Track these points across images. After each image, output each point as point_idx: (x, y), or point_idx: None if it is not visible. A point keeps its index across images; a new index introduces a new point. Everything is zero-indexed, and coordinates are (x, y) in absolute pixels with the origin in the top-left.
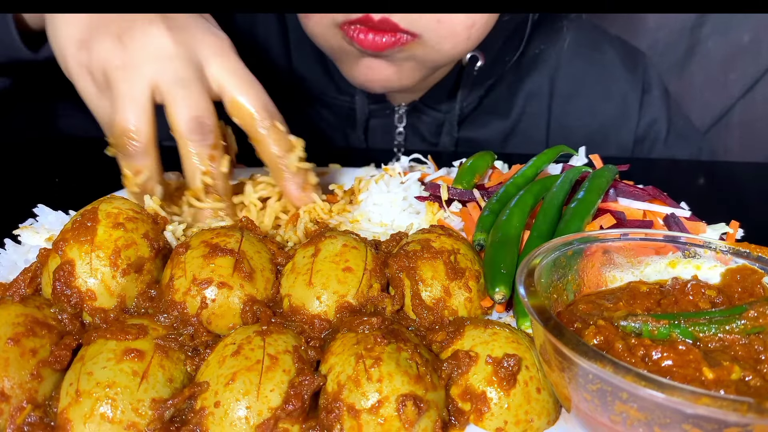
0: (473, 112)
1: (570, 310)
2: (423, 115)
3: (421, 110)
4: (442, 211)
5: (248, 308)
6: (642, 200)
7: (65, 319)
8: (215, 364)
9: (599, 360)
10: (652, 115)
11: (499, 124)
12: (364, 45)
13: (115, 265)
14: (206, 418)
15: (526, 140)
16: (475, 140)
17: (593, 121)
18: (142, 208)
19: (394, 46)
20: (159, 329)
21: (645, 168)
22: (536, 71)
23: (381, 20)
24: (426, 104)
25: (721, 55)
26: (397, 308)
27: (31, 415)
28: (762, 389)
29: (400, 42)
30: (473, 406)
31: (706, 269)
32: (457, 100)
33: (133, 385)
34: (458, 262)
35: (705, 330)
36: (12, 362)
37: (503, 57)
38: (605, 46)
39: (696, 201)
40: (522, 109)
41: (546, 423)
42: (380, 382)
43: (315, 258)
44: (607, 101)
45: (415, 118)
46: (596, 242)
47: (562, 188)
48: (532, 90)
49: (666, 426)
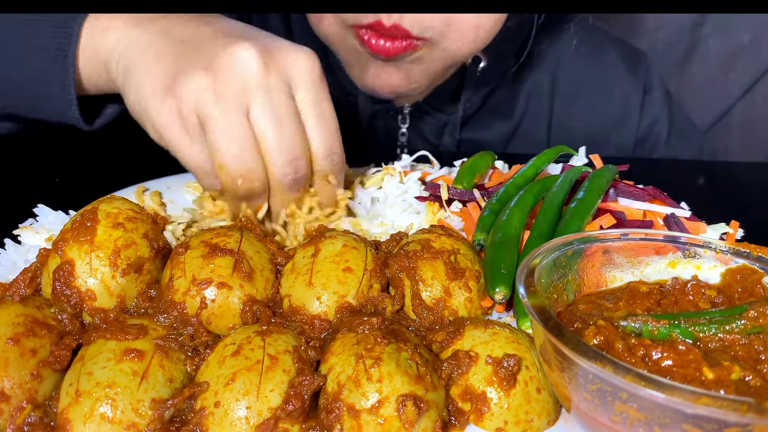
0: (476, 114)
1: (570, 310)
2: (426, 116)
3: (424, 111)
4: (443, 211)
5: (248, 308)
6: (642, 200)
7: (65, 319)
8: (215, 364)
9: (599, 360)
10: (653, 116)
11: (502, 125)
12: (375, 50)
13: (114, 265)
14: (206, 418)
15: (527, 141)
16: (478, 141)
17: (595, 122)
18: (142, 208)
19: (404, 51)
20: (159, 329)
21: (645, 168)
22: (538, 72)
23: (392, 26)
24: (429, 105)
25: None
26: (397, 308)
27: (31, 415)
28: (762, 389)
29: (411, 47)
30: (473, 406)
31: (706, 269)
32: (461, 101)
33: (133, 385)
34: (458, 262)
35: (705, 330)
36: (12, 362)
37: (507, 59)
38: (607, 47)
39: (696, 201)
40: (524, 110)
41: (546, 423)
42: (380, 382)
43: (315, 258)
44: (609, 102)
45: (418, 119)
46: (596, 242)
47: (562, 188)
48: (534, 91)
49: (666, 426)
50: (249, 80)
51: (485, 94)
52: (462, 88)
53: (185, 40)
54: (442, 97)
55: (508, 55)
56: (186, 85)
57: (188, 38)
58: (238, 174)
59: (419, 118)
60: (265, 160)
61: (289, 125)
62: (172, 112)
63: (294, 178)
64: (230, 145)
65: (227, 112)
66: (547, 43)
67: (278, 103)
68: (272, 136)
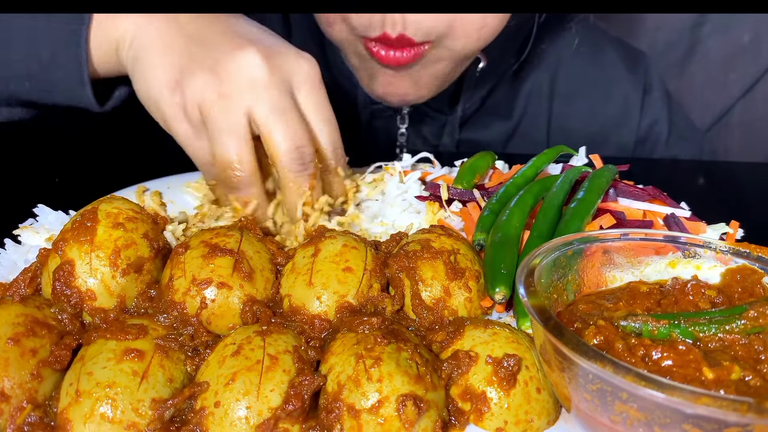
0: (475, 114)
1: (570, 310)
2: (426, 116)
3: (423, 112)
4: (443, 211)
5: (248, 308)
6: (642, 200)
7: (65, 319)
8: (215, 364)
9: (599, 360)
10: (653, 116)
11: (501, 125)
12: (385, 61)
13: (114, 265)
14: (206, 418)
15: (527, 141)
16: (477, 141)
17: (594, 122)
18: (142, 208)
19: (414, 60)
20: (159, 329)
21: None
22: (538, 72)
23: (398, 37)
24: (429, 106)
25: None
26: (397, 308)
27: (31, 415)
28: (762, 389)
29: (419, 54)
30: (473, 406)
31: (706, 269)
32: (460, 102)
33: (133, 385)
34: (458, 262)
35: (705, 330)
36: (12, 362)
37: (507, 59)
38: (606, 48)
39: (696, 201)
40: (523, 110)
41: (546, 423)
42: (380, 382)
43: (315, 258)
44: (609, 102)
45: (418, 119)
46: (596, 242)
47: (562, 188)
48: (533, 91)
49: (666, 426)
50: (252, 83)
51: (484, 95)
52: (461, 88)
53: (193, 35)
54: (441, 98)
55: (508, 55)
56: (191, 84)
57: (196, 34)
58: (230, 164)
59: (418, 118)
60: (271, 151)
61: (292, 115)
62: (177, 105)
63: (301, 165)
64: (225, 139)
65: (227, 111)
66: (547, 43)
67: (281, 99)
68: (276, 126)
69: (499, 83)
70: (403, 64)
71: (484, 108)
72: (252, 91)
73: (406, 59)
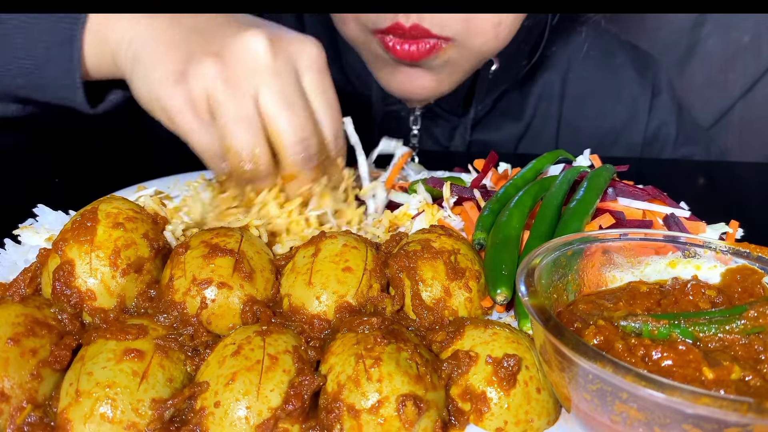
0: (487, 115)
1: (570, 310)
2: (438, 118)
3: (436, 113)
4: (443, 211)
5: (248, 308)
6: (641, 200)
7: (65, 319)
8: (215, 364)
9: (599, 360)
10: (661, 119)
11: (512, 126)
12: (401, 55)
13: (114, 265)
14: (206, 418)
15: (537, 142)
16: (488, 143)
17: (603, 124)
18: (142, 208)
19: (430, 54)
20: (159, 329)
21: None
22: (549, 74)
23: (412, 27)
24: (441, 107)
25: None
26: (397, 308)
27: (31, 415)
28: (762, 389)
29: (436, 48)
30: (473, 406)
31: (706, 269)
32: (473, 104)
33: (133, 385)
34: (458, 263)
35: (705, 330)
36: (12, 362)
37: (518, 61)
38: (616, 51)
39: (696, 201)
40: (534, 112)
41: (546, 423)
42: (380, 382)
43: (315, 258)
44: (617, 104)
45: (430, 121)
46: (596, 242)
47: (561, 188)
48: (544, 93)
49: (666, 426)
50: (258, 66)
51: (496, 96)
52: (474, 91)
53: (195, 28)
54: (454, 100)
55: (519, 57)
56: (197, 72)
57: (198, 27)
58: (245, 156)
59: (430, 120)
60: (276, 141)
61: (299, 106)
62: (183, 98)
63: (306, 157)
64: (238, 129)
65: (236, 98)
66: (558, 45)
67: (287, 86)
68: (283, 117)
69: (511, 85)
70: (418, 59)
71: (495, 110)
72: (258, 77)
73: (421, 53)
